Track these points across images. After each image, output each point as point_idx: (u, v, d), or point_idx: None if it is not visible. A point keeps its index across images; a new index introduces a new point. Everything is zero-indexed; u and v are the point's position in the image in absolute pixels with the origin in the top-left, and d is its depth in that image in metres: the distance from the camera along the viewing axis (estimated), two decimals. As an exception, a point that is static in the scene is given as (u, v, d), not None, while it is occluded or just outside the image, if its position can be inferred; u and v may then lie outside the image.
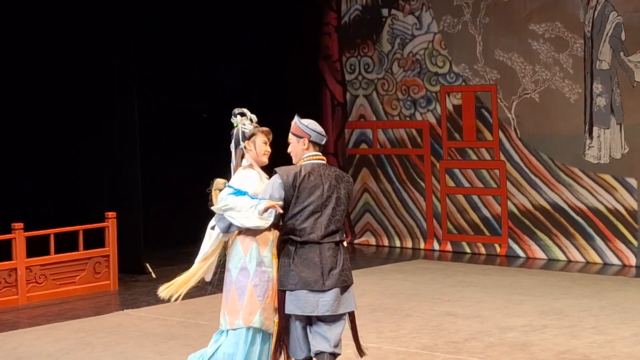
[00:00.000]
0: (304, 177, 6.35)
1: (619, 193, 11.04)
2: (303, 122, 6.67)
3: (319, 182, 6.35)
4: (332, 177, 6.36)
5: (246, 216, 6.29)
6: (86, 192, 11.12)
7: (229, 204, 6.40)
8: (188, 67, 12.76)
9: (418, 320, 8.51)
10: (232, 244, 6.52)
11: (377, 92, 12.72)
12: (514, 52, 11.62)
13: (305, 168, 6.41)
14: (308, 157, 6.50)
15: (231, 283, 6.52)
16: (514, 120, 11.68)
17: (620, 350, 7.41)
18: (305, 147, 6.53)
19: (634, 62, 10.85)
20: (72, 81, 11.12)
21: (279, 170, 6.44)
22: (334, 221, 6.31)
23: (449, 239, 12.17)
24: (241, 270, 6.46)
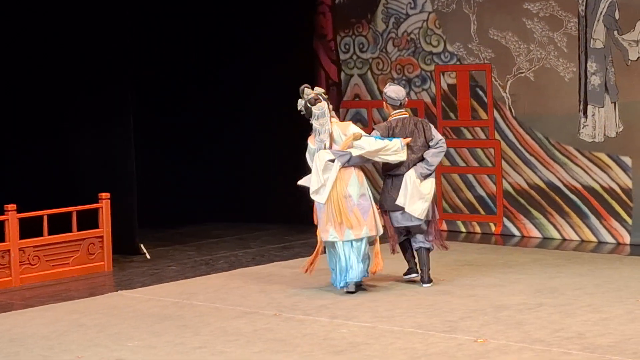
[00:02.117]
0: (393, 128, 9.10)
1: (613, 171, 11.03)
2: (384, 90, 9.36)
3: (403, 131, 9.09)
4: (413, 124, 9.14)
5: (395, 152, 8.90)
6: (80, 173, 11.11)
7: (385, 145, 8.88)
8: (182, 47, 12.73)
9: (413, 299, 8.52)
10: (350, 177, 8.88)
11: (371, 71, 12.69)
12: (509, 31, 11.59)
13: (392, 122, 9.15)
14: (393, 114, 9.19)
15: (354, 205, 8.84)
16: (509, 99, 11.66)
17: (614, 328, 7.42)
18: (386, 108, 9.35)
19: (627, 41, 10.83)
20: (68, 64, 11.10)
21: (376, 127, 9.22)
22: (415, 158, 9.09)
23: (444, 218, 12.15)
24: (361, 196, 8.91)
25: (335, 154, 8.86)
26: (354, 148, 8.83)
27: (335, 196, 8.81)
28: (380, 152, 8.89)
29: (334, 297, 8.66)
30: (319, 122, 8.98)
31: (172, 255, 10.89)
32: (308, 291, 8.91)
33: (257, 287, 9.15)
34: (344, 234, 8.78)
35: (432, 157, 9.13)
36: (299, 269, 9.22)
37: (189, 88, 12.76)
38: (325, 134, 8.95)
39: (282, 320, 7.95)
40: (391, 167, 9.09)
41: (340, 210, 8.78)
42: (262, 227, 12.37)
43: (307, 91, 9.07)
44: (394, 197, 9.05)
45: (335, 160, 8.85)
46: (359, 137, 8.87)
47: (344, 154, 8.85)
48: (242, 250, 11.03)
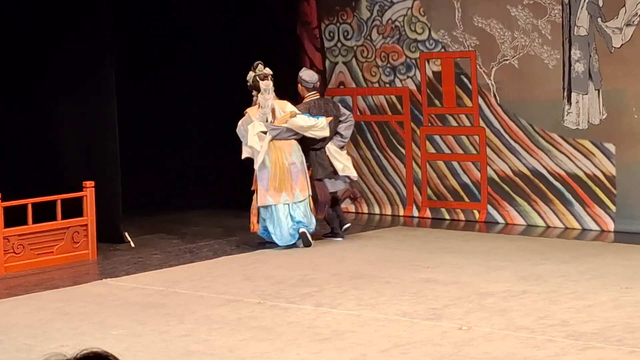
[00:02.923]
0: (310, 108, 10.46)
1: (597, 158, 11.06)
2: (300, 74, 10.80)
3: (318, 110, 10.47)
4: (324, 103, 10.71)
5: (322, 128, 10.31)
6: (64, 161, 11.07)
7: (316, 123, 10.28)
8: (165, 33, 12.70)
9: (397, 286, 8.53)
10: (293, 147, 10.26)
11: (356, 59, 12.68)
12: (493, 18, 11.59)
13: (310, 103, 10.57)
14: (307, 96, 10.67)
15: (302, 170, 10.27)
16: (493, 87, 11.67)
17: (598, 315, 7.44)
18: (300, 91, 10.73)
19: (611, 28, 10.84)
20: (49, 51, 11.05)
21: (298, 108, 10.41)
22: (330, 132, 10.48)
23: (428, 205, 12.17)
24: (302, 163, 10.26)
25: (268, 127, 10.21)
26: (290, 123, 10.22)
27: (280, 164, 10.20)
28: (312, 129, 10.34)
29: (318, 285, 8.67)
30: (264, 97, 10.30)
31: (157, 244, 10.88)
32: (292, 279, 8.91)
33: (241, 275, 9.15)
34: (294, 196, 10.18)
35: (345, 130, 10.75)
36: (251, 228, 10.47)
37: (172, 74, 12.73)
38: (268, 108, 10.29)
39: (267, 308, 7.95)
40: (315, 142, 10.52)
41: (287, 176, 10.17)
42: (245, 214, 12.32)
43: (260, 67, 10.43)
44: (325, 166, 10.56)
45: (267, 133, 10.18)
46: (294, 114, 10.28)
47: (277, 128, 10.22)
48: (226, 239, 11.01)
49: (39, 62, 11.07)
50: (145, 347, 7.04)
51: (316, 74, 10.92)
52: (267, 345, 6.97)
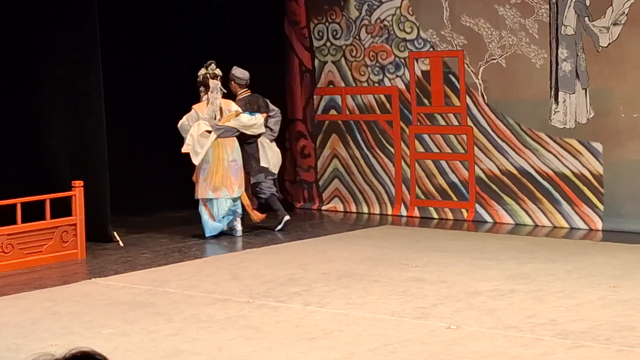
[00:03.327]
0: (245, 104, 11.15)
1: (584, 157, 11.10)
2: (232, 72, 11.41)
3: (252, 106, 11.14)
4: (255, 99, 11.31)
5: (260, 125, 11.03)
6: (52, 160, 11.05)
7: (256, 121, 11.00)
8: (153, 33, 12.68)
9: (386, 285, 8.54)
10: (234, 144, 10.90)
11: (345, 58, 12.69)
12: (481, 17, 11.63)
13: (245, 100, 11.26)
14: (241, 93, 11.35)
15: (242, 167, 10.96)
16: (481, 86, 11.70)
17: (587, 314, 7.47)
18: (233, 88, 11.37)
19: (598, 27, 10.88)
20: (36, 49, 11.02)
21: (237, 104, 11.10)
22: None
23: (417, 204, 12.20)
24: (241, 160, 10.94)
25: (214, 127, 10.80)
26: (234, 122, 10.86)
27: (222, 161, 10.79)
28: (253, 127, 11.02)
29: (307, 284, 8.68)
30: (213, 95, 10.89)
31: (145, 243, 10.87)
32: (281, 278, 8.92)
33: (230, 275, 9.16)
34: (234, 191, 10.85)
35: (274, 125, 11.37)
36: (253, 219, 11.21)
37: (161, 72, 12.71)
38: (216, 106, 10.88)
39: (255, 307, 7.96)
40: (248, 137, 11.10)
41: (228, 173, 10.79)
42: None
43: (213, 67, 10.99)
44: (257, 158, 11.23)
45: (213, 132, 10.76)
46: (239, 113, 10.93)
47: (221, 127, 10.82)
48: (215, 238, 11.01)
49: (26, 61, 11.05)
50: (134, 346, 7.04)
51: (247, 72, 11.38)
52: (255, 344, 6.98)
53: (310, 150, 13.03)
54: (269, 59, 12.81)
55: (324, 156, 12.93)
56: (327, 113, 12.89)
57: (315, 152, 13.00)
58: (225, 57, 12.75)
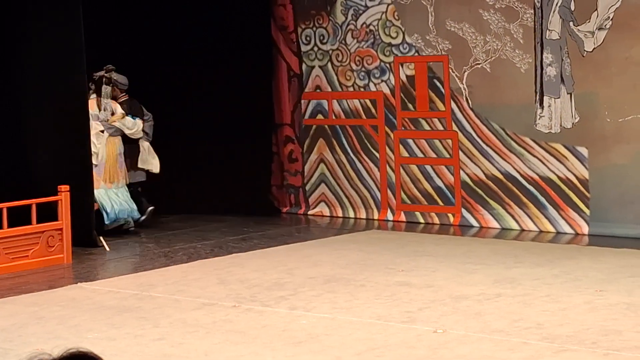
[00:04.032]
0: (126, 109, 11.72)
1: (570, 162, 11.12)
2: (114, 77, 11.72)
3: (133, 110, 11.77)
4: (134, 104, 11.85)
5: (140, 129, 11.79)
6: (38, 165, 11.02)
7: (136, 126, 11.75)
8: (141, 39, 12.67)
9: (372, 290, 8.55)
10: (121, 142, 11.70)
11: (331, 63, 12.70)
12: (465, 22, 11.65)
13: (128, 104, 11.74)
14: (121, 97, 11.80)
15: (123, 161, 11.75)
16: (466, 90, 11.72)
17: (573, 318, 7.49)
18: (113, 91, 11.74)
19: (583, 32, 10.92)
20: (22, 53, 11.00)
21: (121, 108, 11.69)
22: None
23: (403, 209, 12.21)
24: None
25: (106, 126, 11.48)
26: (120, 123, 11.58)
27: (114, 156, 11.50)
28: (135, 130, 11.71)
29: (293, 288, 8.68)
30: (104, 100, 11.56)
31: (131, 248, 10.86)
32: (267, 282, 8.92)
33: (216, 279, 9.15)
34: (122, 182, 11.56)
35: (149, 129, 12.01)
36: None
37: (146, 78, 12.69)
38: (108, 111, 11.55)
39: (241, 312, 7.96)
40: (128, 139, 11.73)
41: (117, 167, 11.52)
42: (220, 219, 12.36)
43: (113, 74, 11.65)
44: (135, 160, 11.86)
45: (105, 131, 11.48)
46: (124, 116, 11.63)
47: (112, 127, 11.53)
48: (201, 242, 11.01)
49: (10, 65, 11.02)
50: (121, 350, 7.03)
51: (126, 77, 11.84)
52: (242, 349, 6.98)
53: (298, 155, 13.03)
54: (256, 63, 12.81)
55: (311, 161, 12.93)
56: (315, 117, 12.90)
57: (302, 157, 13.00)
58: (212, 61, 12.77)
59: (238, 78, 12.70)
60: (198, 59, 12.79)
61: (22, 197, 10.01)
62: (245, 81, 12.70)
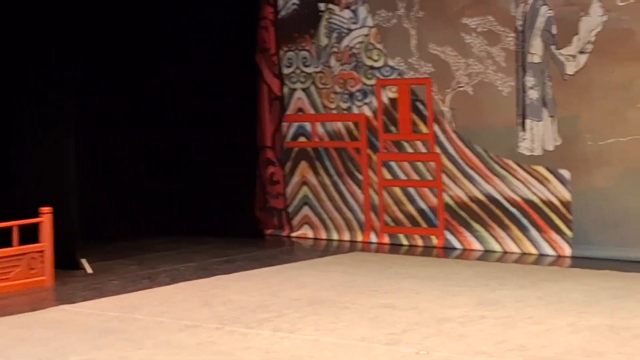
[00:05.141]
0: None
1: (552, 184, 11.18)
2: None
3: None
4: None
5: None
6: (20, 186, 11.01)
7: None
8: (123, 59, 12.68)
9: (356, 312, 8.55)
10: None
11: (315, 85, 12.74)
12: (448, 45, 11.71)
13: None
14: None
15: None
16: (449, 113, 11.77)
17: (556, 340, 7.51)
18: None
19: (565, 55, 10.99)
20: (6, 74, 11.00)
21: None
22: None
23: (386, 231, 12.23)
24: None
25: None
26: None
27: None
28: None
29: (277, 310, 8.68)
30: None
31: (114, 270, 10.83)
32: (251, 304, 8.91)
33: (200, 301, 9.13)
34: None
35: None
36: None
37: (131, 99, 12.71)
38: None
39: (225, 334, 7.94)
40: None
41: None
42: (204, 240, 12.35)
43: None
44: None
45: None
46: None
47: None
48: (185, 264, 10.99)
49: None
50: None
51: None
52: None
53: (279, 177, 13.04)
54: (238, 86, 12.84)
55: (293, 183, 12.95)
56: (296, 140, 12.92)
57: (284, 179, 13.01)
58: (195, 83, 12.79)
59: (220, 101, 12.73)
60: (181, 80, 12.81)
61: (4, 219, 9.98)
62: (227, 104, 12.72)
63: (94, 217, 12.04)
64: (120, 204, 12.68)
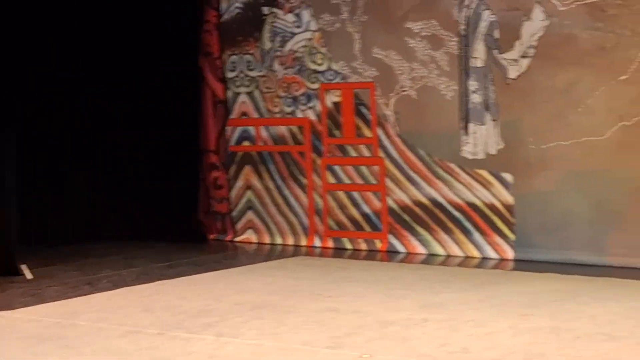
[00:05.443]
0: None
1: (495, 188, 11.22)
2: None
3: None
4: None
5: None
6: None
7: None
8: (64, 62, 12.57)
9: (299, 316, 8.52)
10: None
11: (258, 89, 12.70)
12: (391, 49, 11.73)
13: None
14: None
15: None
16: (392, 117, 11.78)
17: (498, 342, 7.53)
18: None
19: (507, 60, 11.05)
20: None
21: None
22: None
23: (330, 235, 12.22)
24: None
25: None
26: None
27: None
28: None
29: (219, 315, 8.62)
30: None
31: (55, 275, 10.70)
32: (193, 310, 8.84)
33: (141, 306, 9.05)
34: None
35: None
36: None
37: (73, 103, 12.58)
38: None
39: (167, 339, 7.87)
40: None
41: None
42: (147, 245, 12.25)
43: None
44: None
45: None
46: None
47: None
48: (126, 269, 10.90)
49: None
50: (43, 380, 6.91)
51: None
52: (168, 376, 6.90)
53: (223, 182, 12.98)
54: (181, 89, 12.77)
55: (237, 187, 12.89)
56: (241, 144, 12.87)
57: (228, 183, 12.95)
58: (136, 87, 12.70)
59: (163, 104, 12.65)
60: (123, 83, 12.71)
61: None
62: (170, 108, 12.66)
63: (34, 221, 11.90)
64: (61, 208, 12.54)
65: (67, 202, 12.59)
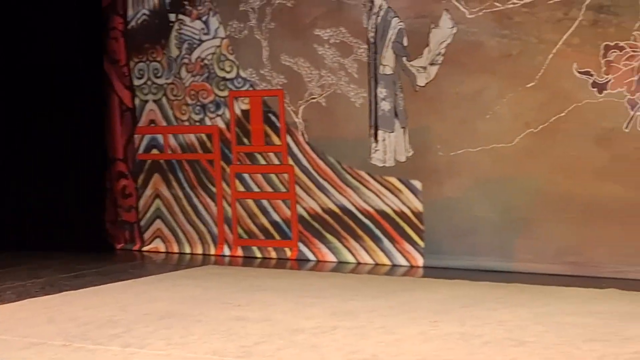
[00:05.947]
0: None
1: (404, 195, 11.26)
2: None
3: None
4: None
5: None
6: None
7: None
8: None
9: (208, 325, 8.44)
10: None
11: (166, 97, 12.57)
12: (300, 57, 11.70)
13: None
14: None
15: None
16: (302, 125, 11.76)
17: (407, 349, 7.53)
18: None
19: (416, 67, 11.10)
20: None
21: None
22: None
23: (240, 244, 12.14)
24: None
25: None
26: None
27: None
28: None
29: (126, 325, 8.49)
30: None
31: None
32: (99, 320, 8.70)
33: (46, 317, 8.88)
34: None
35: None
36: None
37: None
38: None
39: (72, 351, 7.72)
40: None
41: None
42: (52, 256, 12.05)
43: None
44: None
45: None
46: None
47: None
48: (31, 280, 10.70)
49: None
50: (-57, 394, 6.72)
51: None
52: (73, 389, 6.76)
53: (132, 190, 12.82)
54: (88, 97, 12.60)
55: (145, 196, 12.74)
56: (149, 152, 12.72)
57: (137, 192, 12.80)
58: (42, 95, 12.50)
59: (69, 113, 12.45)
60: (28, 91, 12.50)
61: None
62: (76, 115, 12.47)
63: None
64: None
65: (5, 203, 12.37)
